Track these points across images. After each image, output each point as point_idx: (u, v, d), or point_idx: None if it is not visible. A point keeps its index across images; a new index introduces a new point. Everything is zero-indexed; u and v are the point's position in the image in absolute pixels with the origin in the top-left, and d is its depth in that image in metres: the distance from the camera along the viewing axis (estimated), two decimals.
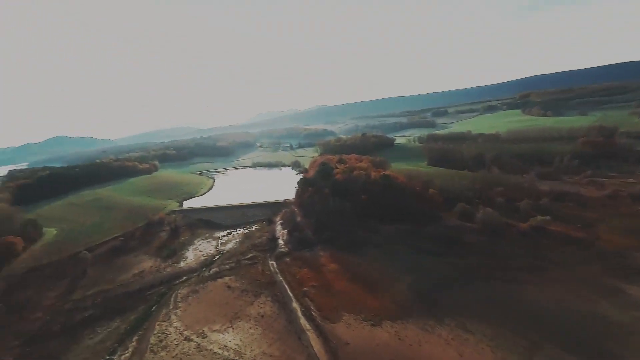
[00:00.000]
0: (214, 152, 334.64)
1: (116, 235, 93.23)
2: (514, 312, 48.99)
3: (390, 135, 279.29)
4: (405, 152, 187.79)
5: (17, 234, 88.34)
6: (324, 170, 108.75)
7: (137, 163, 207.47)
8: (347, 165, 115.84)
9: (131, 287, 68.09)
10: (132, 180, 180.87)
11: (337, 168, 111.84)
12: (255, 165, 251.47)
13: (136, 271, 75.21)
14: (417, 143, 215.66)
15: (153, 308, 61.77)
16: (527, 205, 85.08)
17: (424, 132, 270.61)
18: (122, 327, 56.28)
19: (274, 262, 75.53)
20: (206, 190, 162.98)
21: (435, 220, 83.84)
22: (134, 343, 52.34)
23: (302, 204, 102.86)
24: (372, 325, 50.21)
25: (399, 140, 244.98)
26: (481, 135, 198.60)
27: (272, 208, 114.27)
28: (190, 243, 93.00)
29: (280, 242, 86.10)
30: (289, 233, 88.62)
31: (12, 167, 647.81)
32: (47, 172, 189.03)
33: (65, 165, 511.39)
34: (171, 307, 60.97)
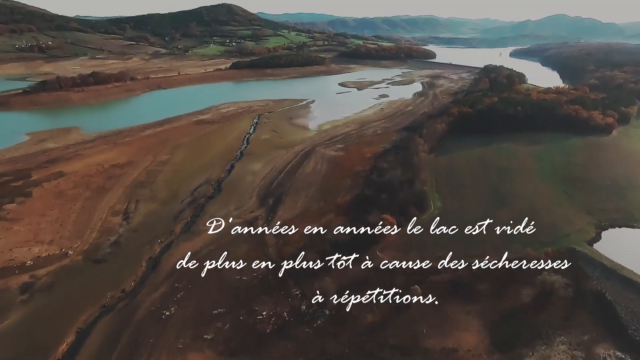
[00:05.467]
0: None
1: (463, 265, 73.87)
2: None
3: None
4: None
5: (402, 207, 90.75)
6: None
7: (596, 114, 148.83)
8: None
9: None
10: (571, 141, 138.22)
11: None
12: None
13: (450, 345, 60.52)
14: None
15: None
16: None
17: None
18: None
19: None
20: None
21: None
22: None
23: None
24: None
25: None
26: None
27: None
28: (549, 338, 60.44)
29: None
30: None
31: (507, 49, 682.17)
32: (494, 99, 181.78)
33: (540, 62, 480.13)
34: None
